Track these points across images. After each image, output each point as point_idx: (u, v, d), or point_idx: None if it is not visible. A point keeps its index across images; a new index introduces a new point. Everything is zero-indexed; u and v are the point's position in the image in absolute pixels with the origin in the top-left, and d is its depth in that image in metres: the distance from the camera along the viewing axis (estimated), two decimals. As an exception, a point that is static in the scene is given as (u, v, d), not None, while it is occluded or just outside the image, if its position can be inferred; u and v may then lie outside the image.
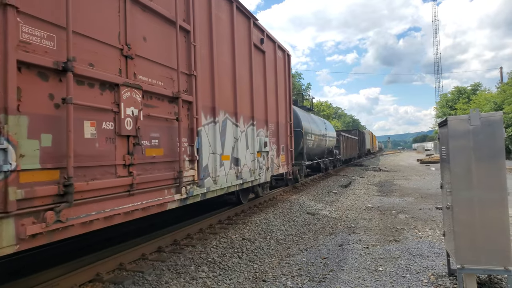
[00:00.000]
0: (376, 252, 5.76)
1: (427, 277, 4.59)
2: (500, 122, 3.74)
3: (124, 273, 4.61)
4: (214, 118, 6.22)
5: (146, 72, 4.55)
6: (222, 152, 6.48)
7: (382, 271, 4.91)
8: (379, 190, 13.99)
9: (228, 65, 6.95)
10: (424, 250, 5.70)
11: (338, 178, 18.40)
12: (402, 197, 11.95)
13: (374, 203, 10.77)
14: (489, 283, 4.18)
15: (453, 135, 3.89)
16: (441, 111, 52.75)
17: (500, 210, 3.67)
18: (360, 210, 9.68)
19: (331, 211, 9.69)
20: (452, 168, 3.88)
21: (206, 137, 5.92)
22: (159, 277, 4.50)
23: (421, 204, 10.26)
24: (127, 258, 4.95)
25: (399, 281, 4.50)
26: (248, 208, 9.12)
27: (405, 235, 6.81)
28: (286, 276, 4.85)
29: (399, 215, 8.82)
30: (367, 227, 7.64)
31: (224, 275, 4.84)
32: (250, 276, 4.91)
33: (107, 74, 3.87)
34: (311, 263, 5.39)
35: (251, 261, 5.48)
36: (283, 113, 10.61)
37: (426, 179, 17.46)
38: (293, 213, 9.00)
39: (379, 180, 18.13)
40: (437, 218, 8.13)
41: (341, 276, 4.79)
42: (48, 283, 3.89)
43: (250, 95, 8.05)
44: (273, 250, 6.09)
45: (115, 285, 4.20)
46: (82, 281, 4.22)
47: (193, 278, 4.61)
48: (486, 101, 35.34)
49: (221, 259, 5.36)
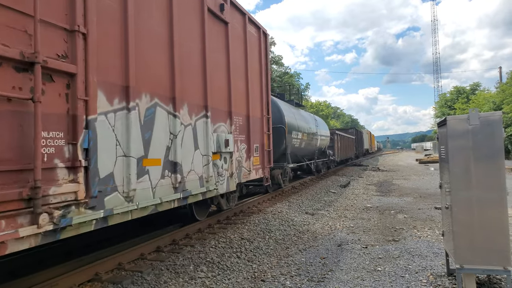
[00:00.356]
0: (375, 252, 5.76)
1: (426, 277, 4.59)
2: (499, 122, 3.74)
3: (123, 273, 4.61)
4: (128, 102, 4.27)
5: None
6: (145, 155, 4.53)
7: (381, 271, 4.91)
8: (378, 190, 14.00)
9: (159, 29, 4.98)
10: (423, 250, 5.70)
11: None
12: (401, 197, 11.96)
13: (373, 203, 10.78)
14: (488, 283, 4.18)
15: (452, 135, 3.89)
16: (440, 111, 52.81)
17: (499, 210, 3.67)
18: (359, 210, 9.68)
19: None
20: (451, 168, 3.89)
21: (111, 131, 4.02)
22: (158, 277, 4.50)
23: (420, 204, 10.27)
24: (126, 258, 4.95)
25: (398, 281, 4.51)
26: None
27: (404, 235, 6.82)
28: (285, 276, 4.85)
29: (398, 215, 8.82)
30: (366, 227, 7.64)
31: (223, 275, 4.84)
32: (249, 276, 4.91)
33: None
34: (310, 263, 5.39)
35: (250, 261, 5.48)
36: (257, 104, 8.51)
37: (425, 179, 17.48)
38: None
39: (378, 180, 18.14)
40: (436, 218, 8.13)
41: (340, 276, 4.79)
42: (47, 283, 3.89)
43: (202, 76, 5.93)
44: (272, 250, 6.09)
45: (114, 285, 4.19)
46: (81, 280, 4.21)
47: (192, 278, 4.60)
48: (485, 101, 35.41)
49: (220, 259, 5.36)
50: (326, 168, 20.89)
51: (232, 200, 8.06)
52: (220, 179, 6.46)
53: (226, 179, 6.70)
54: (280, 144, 11.74)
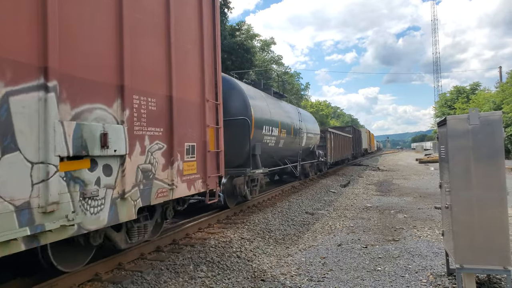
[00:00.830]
0: (375, 252, 5.76)
1: (426, 276, 4.59)
2: (499, 122, 3.74)
3: (123, 273, 4.61)
4: None
5: None
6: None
7: (381, 270, 4.92)
8: (378, 190, 14.00)
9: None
10: (423, 250, 5.70)
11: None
12: (401, 196, 11.96)
13: (373, 203, 10.78)
14: (488, 283, 4.18)
15: (452, 135, 3.89)
16: (440, 111, 52.81)
17: (499, 209, 3.67)
18: (359, 210, 9.68)
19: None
20: (451, 168, 3.88)
21: None
22: (158, 277, 4.50)
23: (420, 204, 10.27)
24: (126, 258, 4.94)
25: (398, 281, 4.51)
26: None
27: (404, 234, 6.82)
28: (285, 276, 4.85)
29: (398, 214, 8.82)
30: (366, 226, 7.64)
31: (223, 275, 4.84)
32: (248, 275, 4.91)
33: None
34: (310, 262, 5.39)
35: (250, 261, 5.48)
36: (194, 83, 5.67)
37: (425, 179, 17.48)
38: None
39: (378, 179, 18.15)
40: (436, 217, 8.13)
41: (340, 275, 4.79)
42: (47, 283, 3.88)
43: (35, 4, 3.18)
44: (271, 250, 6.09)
45: (114, 285, 4.19)
46: (81, 280, 4.21)
47: (192, 278, 4.60)
48: (485, 100, 35.41)
49: (220, 258, 5.35)
50: (318, 171, 18.61)
51: (141, 234, 4.99)
52: (89, 205, 3.62)
53: (109, 204, 3.84)
54: (244, 143, 8.61)
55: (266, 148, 10.08)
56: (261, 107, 9.86)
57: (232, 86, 8.88)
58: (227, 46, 25.63)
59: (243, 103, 8.78)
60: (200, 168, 5.65)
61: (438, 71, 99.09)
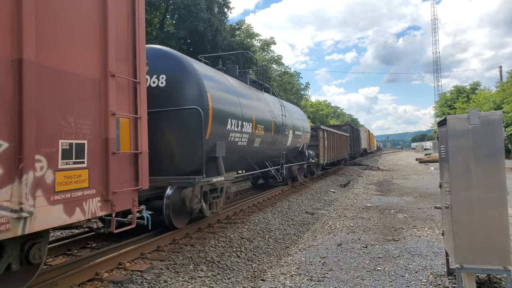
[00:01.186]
0: (375, 252, 5.76)
1: (426, 276, 4.59)
2: (500, 121, 3.74)
3: (123, 272, 4.61)
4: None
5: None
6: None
7: (381, 270, 4.92)
8: (378, 189, 14.00)
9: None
10: (423, 250, 5.70)
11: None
12: (401, 196, 11.96)
13: (373, 203, 10.78)
14: (488, 283, 4.18)
15: (452, 135, 3.89)
16: (440, 111, 52.79)
17: (499, 209, 3.67)
18: (359, 209, 9.68)
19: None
20: (451, 168, 3.88)
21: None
22: (158, 276, 4.50)
23: (420, 204, 10.27)
24: (126, 257, 4.95)
25: (398, 281, 4.51)
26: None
27: (404, 234, 6.82)
28: (285, 276, 4.85)
29: (398, 214, 8.82)
30: (366, 226, 7.64)
31: (222, 274, 4.84)
32: (248, 275, 4.91)
33: None
34: (310, 262, 5.39)
35: (250, 260, 5.48)
36: (82, 42, 3.68)
37: (425, 179, 17.48)
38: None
39: (378, 179, 18.15)
40: (436, 217, 8.13)
41: (340, 275, 4.79)
42: (47, 283, 3.88)
43: None
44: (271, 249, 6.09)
45: (114, 284, 4.19)
46: (81, 280, 4.21)
47: (192, 278, 4.60)
48: (485, 100, 35.38)
49: (220, 258, 5.35)
50: (310, 174, 16.72)
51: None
52: None
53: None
54: (195, 142, 6.27)
55: (234, 148, 7.94)
56: (226, 96, 7.68)
57: (183, 66, 6.54)
58: (227, 45, 25.72)
59: (196, 89, 6.44)
60: (97, 180, 3.75)
61: (438, 70, 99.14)
